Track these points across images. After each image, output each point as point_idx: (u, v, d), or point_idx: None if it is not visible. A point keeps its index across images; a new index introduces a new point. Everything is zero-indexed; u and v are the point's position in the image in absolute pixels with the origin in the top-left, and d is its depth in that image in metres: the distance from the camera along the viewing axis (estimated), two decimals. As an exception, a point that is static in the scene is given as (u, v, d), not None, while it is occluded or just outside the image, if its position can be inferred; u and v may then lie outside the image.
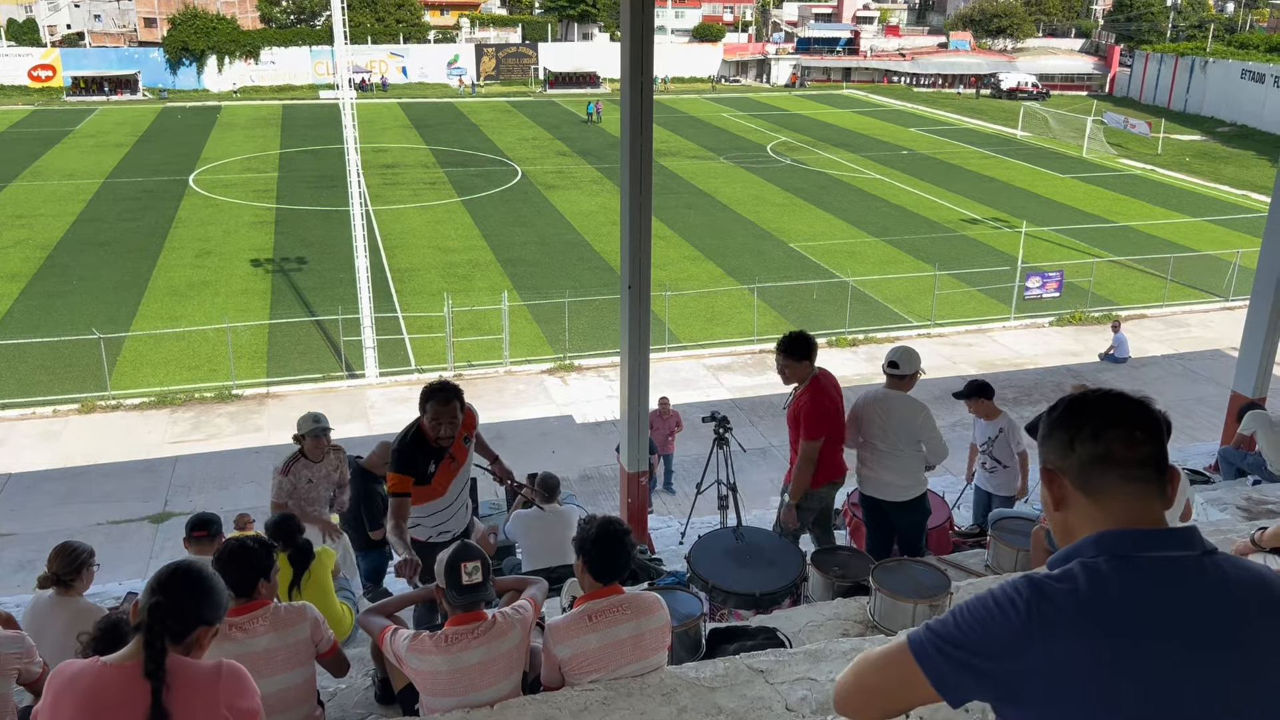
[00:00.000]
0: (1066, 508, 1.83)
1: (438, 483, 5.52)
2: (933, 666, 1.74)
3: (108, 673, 2.50)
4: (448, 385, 5.46)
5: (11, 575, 12.73)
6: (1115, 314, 23.71)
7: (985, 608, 1.72)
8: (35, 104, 56.44)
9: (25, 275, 25.75)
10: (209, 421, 18.32)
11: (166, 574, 2.64)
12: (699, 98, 63.97)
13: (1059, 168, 42.63)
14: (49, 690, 2.49)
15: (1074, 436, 1.78)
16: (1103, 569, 1.71)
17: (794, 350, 6.44)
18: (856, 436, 6.62)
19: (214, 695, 2.53)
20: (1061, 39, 78.35)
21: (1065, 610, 1.67)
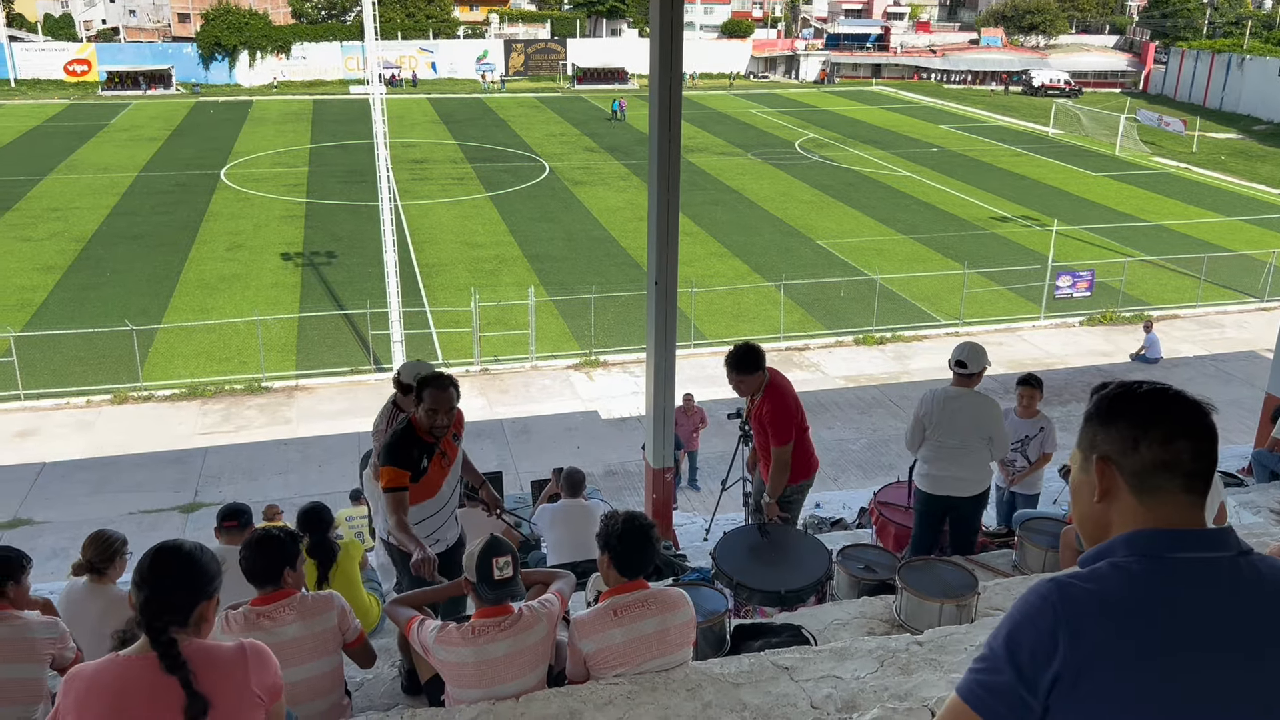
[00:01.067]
0: (1110, 500, 1.77)
1: (431, 479, 5.35)
2: (984, 705, 1.71)
3: (133, 666, 2.48)
4: (441, 373, 5.35)
5: (46, 562, 12.91)
6: (1147, 314, 23.45)
7: (1014, 622, 1.70)
8: (71, 98, 57.15)
9: (60, 267, 26.09)
10: (239, 413, 18.50)
11: (147, 564, 2.59)
12: (723, 93, 63.78)
13: (1091, 166, 42.20)
14: (69, 693, 2.47)
15: (1140, 437, 1.72)
16: (1134, 569, 1.69)
17: (745, 365, 6.46)
18: (919, 438, 6.52)
19: (244, 677, 2.54)
20: (1095, 35, 77.48)
21: (1093, 611, 1.65)
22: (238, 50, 62.64)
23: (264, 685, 2.58)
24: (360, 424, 17.29)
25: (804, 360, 21.02)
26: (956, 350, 6.51)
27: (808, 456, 6.86)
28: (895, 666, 3.97)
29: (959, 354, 6.47)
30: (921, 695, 3.65)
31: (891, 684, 3.83)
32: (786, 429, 6.50)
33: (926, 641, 4.20)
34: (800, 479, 6.86)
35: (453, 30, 70.41)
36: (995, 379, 20.07)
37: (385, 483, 5.13)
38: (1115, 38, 76.57)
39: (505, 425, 18.03)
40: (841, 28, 77.52)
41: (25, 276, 25.24)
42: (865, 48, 74.13)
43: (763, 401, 6.52)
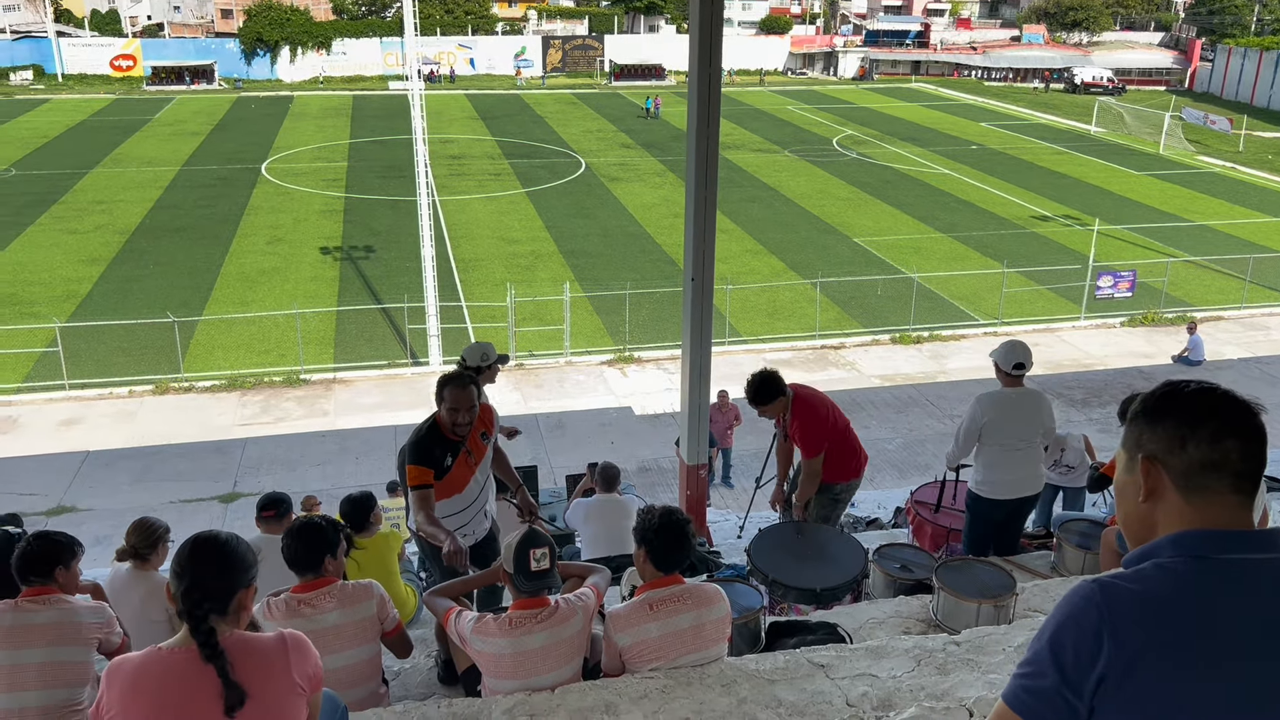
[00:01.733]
0: (1156, 500, 1.75)
1: (456, 477, 5.37)
2: (1029, 709, 1.70)
3: (175, 659, 2.51)
4: (462, 372, 5.40)
5: (89, 549, 13.11)
6: (1190, 315, 23.09)
7: (1058, 624, 1.69)
8: (116, 93, 58.05)
9: (105, 259, 26.53)
10: (277, 405, 18.72)
11: (186, 554, 2.61)
12: (760, 90, 63.51)
13: (1134, 164, 41.59)
14: (112, 685, 2.50)
15: (1188, 436, 1.70)
16: (1180, 570, 1.67)
17: (761, 396, 6.56)
18: (972, 445, 6.43)
19: (284, 666, 2.56)
20: (1140, 32, 76.26)
21: (1138, 612, 1.63)
22: (279, 46, 63.30)
23: (304, 675, 2.60)
24: (396, 417, 17.47)
25: (840, 359, 20.92)
26: (1009, 353, 6.35)
27: (854, 455, 6.85)
28: (932, 666, 3.95)
29: (1017, 356, 6.32)
30: (959, 695, 3.62)
31: (928, 683, 3.81)
32: (815, 443, 6.54)
33: (964, 642, 4.17)
34: (850, 478, 6.87)
35: (491, 26, 70.71)
36: (1034, 379, 19.89)
37: (410, 481, 5.20)
38: (1160, 35, 75.34)
39: (540, 420, 18.11)
40: (881, 24, 76.87)
41: (71, 268, 25.69)
42: (905, 44, 73.50)
43: (792, 421, 6.59)
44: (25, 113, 49.91)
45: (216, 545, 2.64)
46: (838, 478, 6.76)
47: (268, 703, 2.52)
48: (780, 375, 6.69)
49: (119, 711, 2.47)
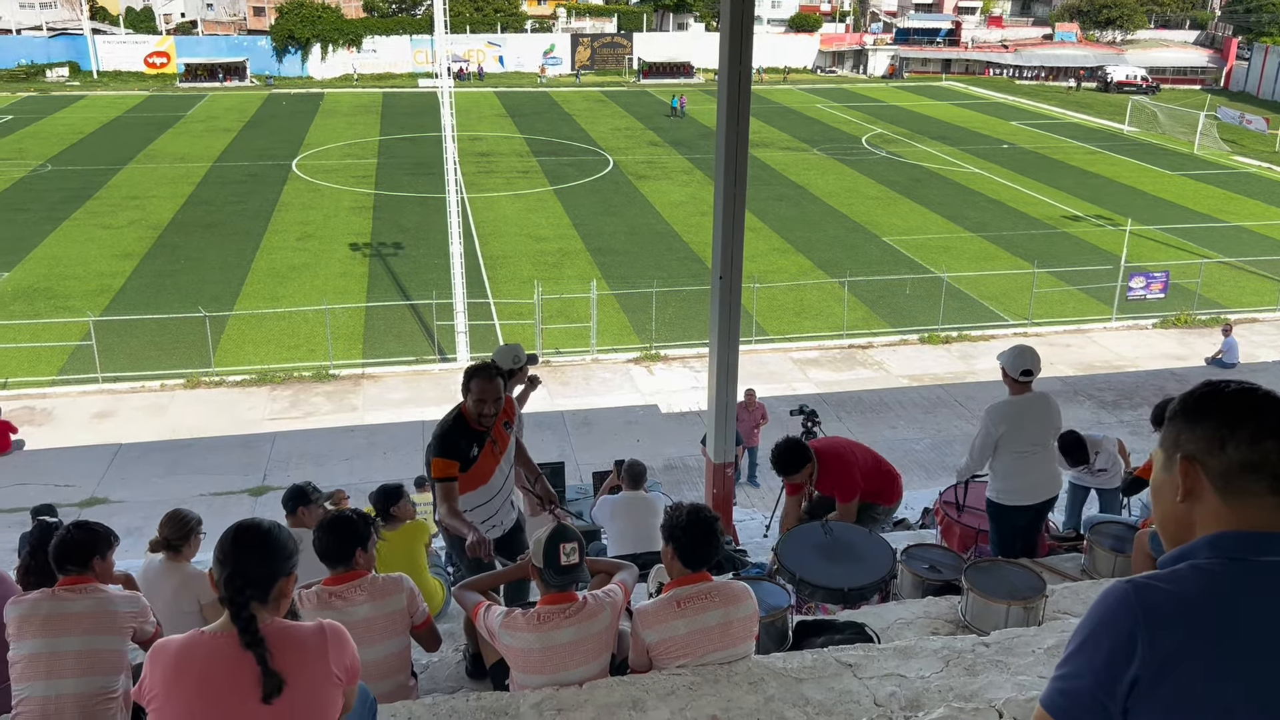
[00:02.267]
0: (1194, 501, 1.73)
1: (481, 468, 5.42)
2: (1065, 713, 1.69)
3: (218, 644, 2.54)
4: (489, 364, 5.44)
5: (122, 539, 13.31)
6: (1225, 317, 22.80)
7: (1092, 625, 1.68)
8: (150, 89, 58.71)
9: (138, 254, 26.84)
10: (306, 400, 18.87)
11: (229, 541, 2.64)
12: (789, 88, 63.27)
13: (1168, 164, 41.11)
14: (155, 666, 2.54)
15: (1227, 437, 1.67)
16: (1216, 571, 1.66)
17: (788, 467, 6.49)
18: (988, 456, 6.41)
19: (323, 656, 2.59)
20: (1174, 30, 75.32)
21: (1173, 613, 1.62)
22: (310, 43, 63.79)
23: (342, 665, 2.62)
24: (424, 412, 17.56)
25: (867, 358, 20.82)
26: (1018, 359, 6.29)
27: (892, 481, 6.86)
28: (960, 667, 3.93)
29: (1026, 362, 6.27)
30: (988, 696, 3.60)
31: (957, 684, 3.79)
32: (849, 489, 6.53)
33: (993, 643, 4.15)
34: (894, 501, 6.89)
35: (520, 24, 70.90)
36: (1064, 380, 19.74)
37: (435, 473, 5.23)
38: (1196, 33, 74.38)
39: (566, 417, 18.15)
40: (911, 22, 76.37)
41: (105, 263, 26.02)
42: (935, 43, 72.98)
43: (821, 480, 6.58)
44: (61, 109, 50.58)
45: (259, 533, 2.67)
46: (882, 500, 6.78)
47: (304, 691, 2.54)
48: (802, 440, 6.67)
49: (161, 692, 2.51)
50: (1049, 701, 1.72)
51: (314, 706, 2.57)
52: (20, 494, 14.83)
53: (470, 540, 4.80)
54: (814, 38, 74.05)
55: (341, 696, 2.64)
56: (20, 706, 3.81)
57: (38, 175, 35.73)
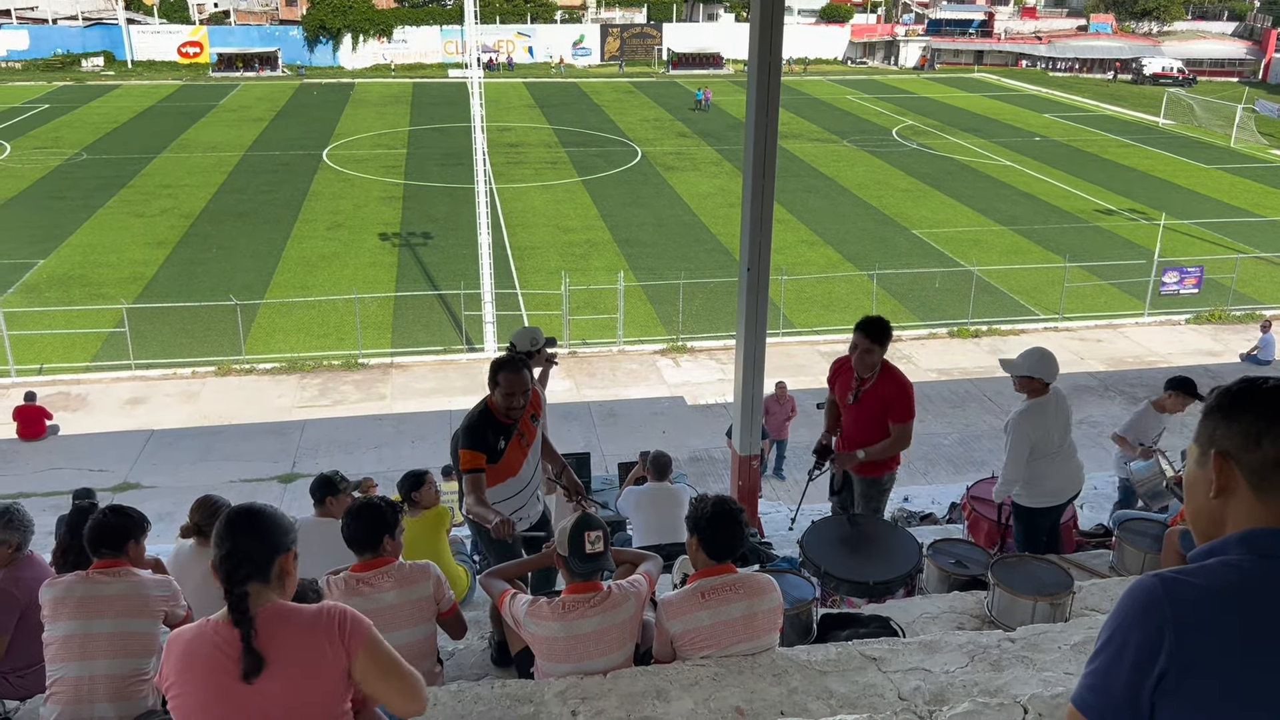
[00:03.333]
0: (1228, 497, 1.72)
1: (510, 460, 5.45)
2: (1095, 711, 1.69)
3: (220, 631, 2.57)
4: (515, 356, 5.45)
5: (153, 525, 13.50)
6: (1260, 313, 22.47)
7: (1120, 619, 1.67)
8: (183, 79, 59.24)
9: (170, 242, 27.13)
10: (335, 388, 19.02)
11: (224, 525, 2.67)
12: (819, 79, 62.88)
13: (1203, 158, 40.52)
14: (171, 654, 2.58)
15: (1264, 432, 1.66)
16: (1247, 568, 1.64)
17: (885, 336, 6.30)
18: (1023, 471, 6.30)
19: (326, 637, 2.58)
20: (1212, 22, 74.09)
21: (1201, 608, 1.61)
22: (341, 33, 64.11)
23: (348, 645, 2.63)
24: (452, 402, 17.66)
25: (896, 352, 20.60)
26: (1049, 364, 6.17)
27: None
28: (986, 662, 3.92)
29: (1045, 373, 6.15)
30: (1013, 692, 3.59)
31: (982, 679, 3.78)
32: (908, 408, 6.46)
33: (1019, 639, 4.13)
34: (895, 467, 6.83)
35: (550, 14, 70.84)
36: (1094, 375, 19.54)
37: (463, 465, 5.28)
38: (1234, 24, 73.14)
39: (592, 408, 18.18)
40: (943, 13, 75.56)
41: (138, 251, 26.32)
42: (968, 34, 72.26)
43: (882, 382, 6.42)
44: (96, 98, 51.14)
45: (251, 513, 2.70)
46: (885, 469, 6.73)
47: (304, 671, 2.56)
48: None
49: (176, 680, 2.56)
50: (1080, 699, 1.72)
51: (317, 688, 2.58)
52: (55, 478, 15.07)
53: (494, 522, 4.86)
54: (845, 29, 73.49)
55: (348, 676, 2.62)
56: (55, 687, 3.88)
57: (73, 164, 36.17)
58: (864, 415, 6.49)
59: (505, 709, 3.59)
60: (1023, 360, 6.19)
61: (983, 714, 3.17)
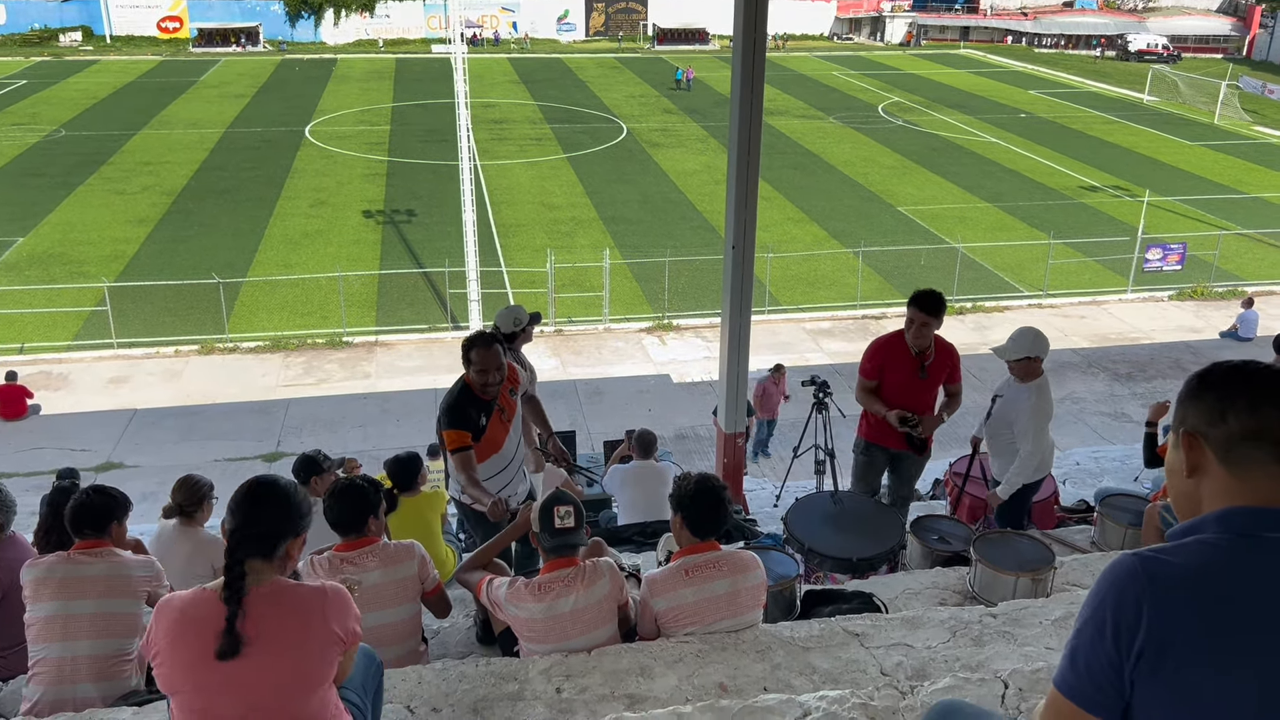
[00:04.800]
0: (1200, 476, 1.74)
1: (493, 435, 5.44)
2: (1074, 690, 1.70)
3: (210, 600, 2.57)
4: (486, 332, 5.44)
5: (136, 505, 13.40)
6: (1242, 290, 22.62)
7: (1098, 598, 1.68)
8: (163, 54, 58.53)
9: (152, 220, 26.89)
10: (320, 367, 18.95)
11: (242, 494, 2.67)
12: (805, 55, 62.63)
13: (1187, 135, 40.63)
14: (161, 620, 2.57)
15: (1228, 407, 1.69)
16: (1224, 546, 1.65)
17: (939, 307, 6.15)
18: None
19: (321, 617, 2.60)
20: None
21: (1178, 586, 1.62)
22: (323, 8, 63.40)
23: (343, 627, 2.64)
24: (437, 380, 17.63)
25: (881, 329, 20.67)
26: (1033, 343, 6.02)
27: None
28: (968, 638, 3.95)
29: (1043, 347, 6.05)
30: (994, 667, 3.62)
31: (964, 654, 3.81)
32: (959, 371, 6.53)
33: (1000, 614, 4.16)
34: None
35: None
36: (1078, 352, 19.65)
37: (449, 445, 5.25)
38: (1219, 0, 73.14)
39: (578, 386, 18.18)
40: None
41: (119, 229, 26.08)
42: (954, 9, 72.01)
43: (941, 351, 6.37)
44: (75, 74, 50.51)
45: (276, 489, 2.69)
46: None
47: (296, 649, 2.56)
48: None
49: (165, 647, 2.54)
50: (1060, 679, 1.73)
51: (308, 664, 2.58)
52: (37, 458, 15.00)
53: (489, 505, 4.86)
54: (830, 4, 73.08)
55: (339, 657, 2.66)
56: (37, 667, 3.87)
57: (52, 140, 35.77)
58: (932, 387, 6.45)
59: (490, 687, 3.60)
60: (1016, 343, 6.07)
61: (964, 689, 3.19)
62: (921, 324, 6.13)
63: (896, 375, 6.33)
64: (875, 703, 3.16)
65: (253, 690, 2.53)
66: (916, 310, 6.11)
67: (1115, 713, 1.68)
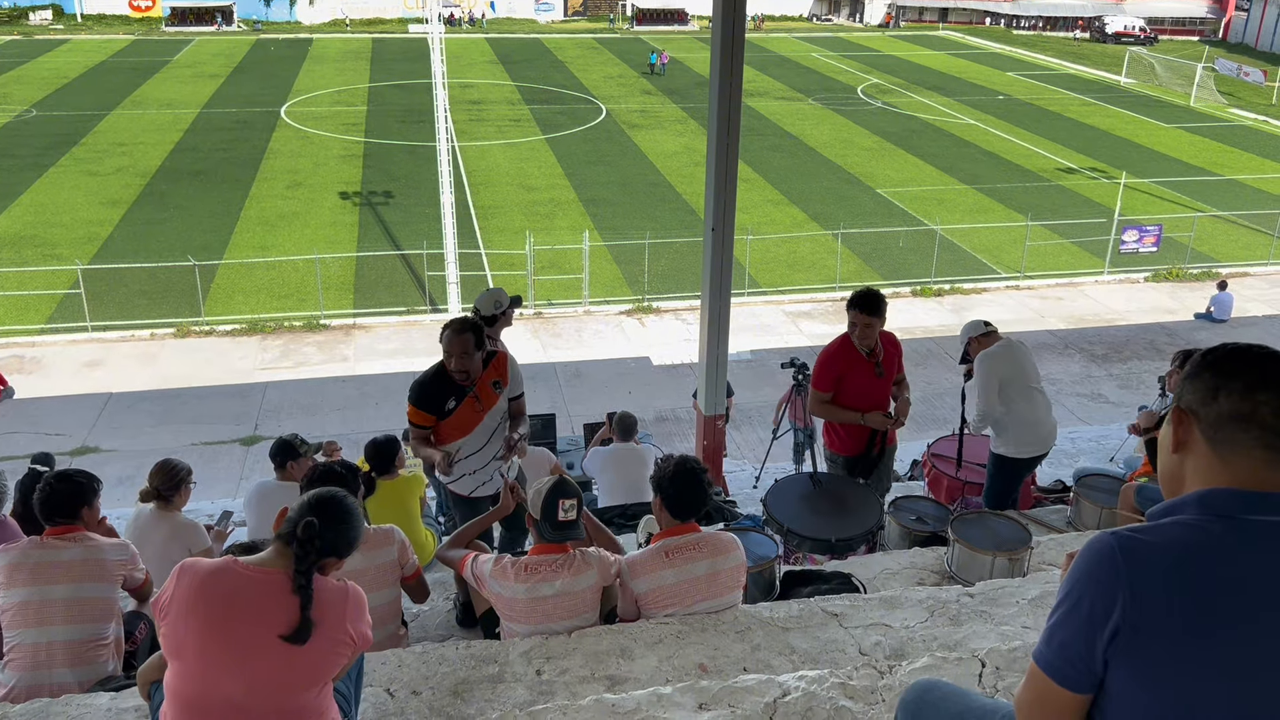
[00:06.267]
0: (1186, 453, 1.74)
1: (460, 420, 5.49)
2: (1052, 667, 1.71)
3: (251, 575, 2.57)
4: (464, 318, 5.47)
5: (112, 489, 13.26)
6: (1216, 271, 22.82)
7: (1075, 577, 1.69)
8: (135, 34, 57.74)
9: (126, 202, 26.58)
10: (297, 350, 18.83)
11: (327, 497, 2.75)
12: (785, 36, 62.50)
13: (1164, 116, 40.87)
14: (181, 580, 2.55)
15: (1221, 387, 1.69)
16: (1202, 528, 1.66)
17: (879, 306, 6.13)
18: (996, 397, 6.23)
19: (341, 614, 2.63)
20: (1174, -20, 74.31)
21: (1154, 567, 1.62)
22: (298, -13, 62.71)
23: (358, 631, 2.68)
24: (415, 363, 17.53)
25: (859, 311, 20.81)
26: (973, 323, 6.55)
27: None
28: (945, 617, 3.98)
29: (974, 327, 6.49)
30: (971, 646, 3.65)
31: (941, 634, 3.84)
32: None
33: (977, 593, 4.20)
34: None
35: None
36: (1054, 334, 19.79)
37: (408, 417, 5.49)
38: (1196, -17, 73.41)
39: (557, 369, 18.15)
40: (909, -31, 75.09)
41: (92, 210, 25.76)
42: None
43: (887, 346, 6.42)
44: (45, 53, 49.75)
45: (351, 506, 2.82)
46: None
47: (322, 644, 2.59)
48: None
49: (182, 607, 2.52)
50: (1038, 655, 1.75)
51: (321, 659, 2.61)
52: (11, 443, 14.83)
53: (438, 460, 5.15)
54: (810, -15, 72.92)
55: (345, 660, 2.68)
56: (12, 653, 3.84)
57: (22, 121, 35.24)
58: (889, 381, 6.45)
59: (470, 669, 3.60)
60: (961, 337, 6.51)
61: (941, 668, 3.22)
62: (865, 325, 6.14)
63: (856, 379, 6.30)
64: (854, 682, 3.18)
65: (254, 672, 2.53)
66: (858, 313, 6.11)
67: (1089, 689, 1.70)
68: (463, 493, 5.76)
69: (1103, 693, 1.69)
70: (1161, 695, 1.62)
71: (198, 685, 2.53)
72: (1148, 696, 1.63)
